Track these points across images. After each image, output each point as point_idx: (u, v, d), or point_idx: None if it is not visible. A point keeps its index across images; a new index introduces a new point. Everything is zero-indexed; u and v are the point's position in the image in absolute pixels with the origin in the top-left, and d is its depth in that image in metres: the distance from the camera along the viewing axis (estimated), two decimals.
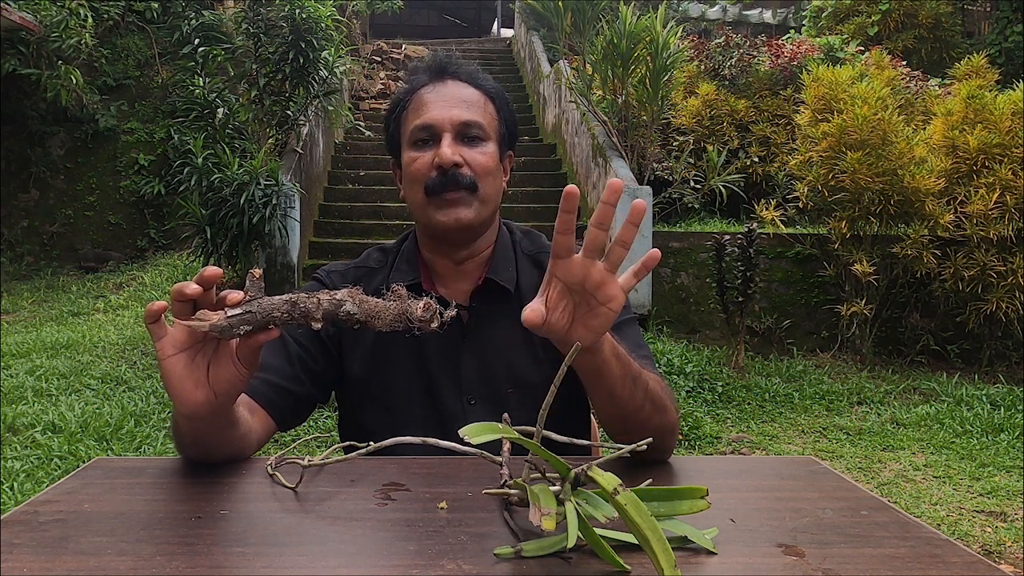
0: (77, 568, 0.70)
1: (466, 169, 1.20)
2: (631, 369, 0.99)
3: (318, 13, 5.86)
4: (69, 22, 7.69)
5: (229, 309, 0.81)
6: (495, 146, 1.25)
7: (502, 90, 1.32)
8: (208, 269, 0.82)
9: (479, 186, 1.21)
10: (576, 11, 7.05)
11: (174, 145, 5.78)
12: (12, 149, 8.57)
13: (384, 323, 0.82)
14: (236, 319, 0.81)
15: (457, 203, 1.19)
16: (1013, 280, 5.22)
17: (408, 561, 0.72)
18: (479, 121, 1.23)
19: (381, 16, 12.81)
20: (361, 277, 1.30)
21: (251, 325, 0.81)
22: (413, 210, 1.25)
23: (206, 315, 0.81)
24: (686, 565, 0.72)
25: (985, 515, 3.25)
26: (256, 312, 0.81)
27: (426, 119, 1.21)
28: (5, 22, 7.39)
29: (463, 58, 1.37)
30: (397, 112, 1.28)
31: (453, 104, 1.22)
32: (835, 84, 5.80)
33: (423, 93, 1.25)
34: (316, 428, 3.94)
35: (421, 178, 1.20)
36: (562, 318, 0.88)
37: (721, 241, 5.11)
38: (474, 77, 1.27)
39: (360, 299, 0.82)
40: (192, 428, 0.94)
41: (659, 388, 1.06)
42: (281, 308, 0.81)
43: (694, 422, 4.27)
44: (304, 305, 0.81)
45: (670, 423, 1.06)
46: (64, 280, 7.79)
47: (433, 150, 1.20)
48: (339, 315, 0.82)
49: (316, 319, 0.81)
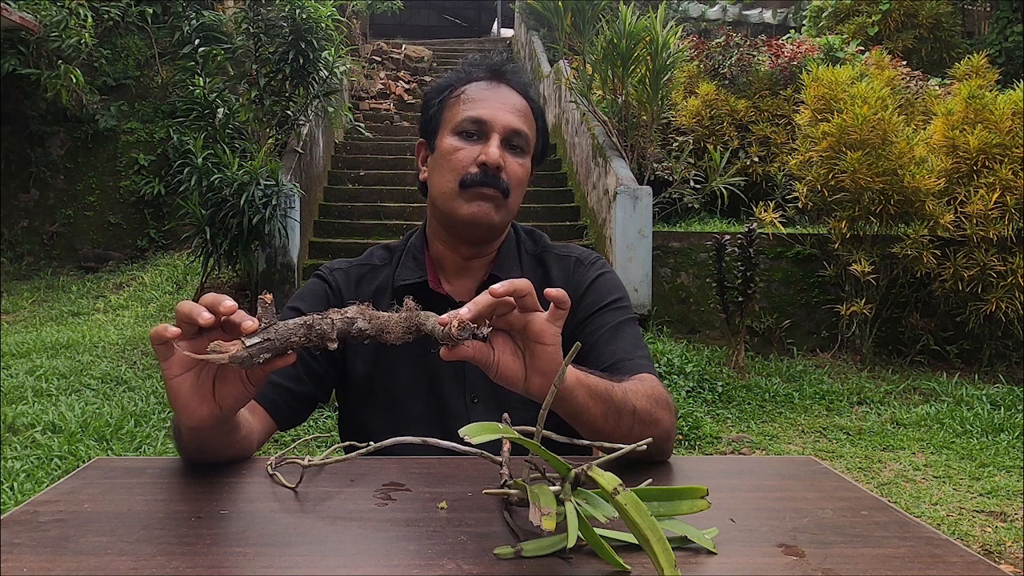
0: (77, 568, 0.70)
1: (504, 174, 1.20)
2: (612, 402, 0.98)
3: (318, 13, 5.87)
4: (69, 22, 7.69)
5: (247, 338, 0.79)
6: (530, 161, 1.27)
7: (543, 110, 1.32)
8: (225, 302, 0.79)
9: (510, 195, 1.21)
10: (576, 11, 7.05)
11: (174, 145, 5.78)
12: (12, 149, 8.57)
13: (396, 336, 0.82)
14: (256, 348, 0.79)
15: (489, 199, 1.19)
16: (1013, 280, 5.22)
17: (408, 561, 0.72)
18: (527, 133, 1.23)
19: (381, 16, 12.82)
20: (364, 274, 1.30)
21: (270, 352, 0.80)
22: (436, 196, 1.24)
23: (222, 347, 0.79)
24: (686, 565, 0.72)
25: (985, 515, 3.25)
26: (274, 339, 0.80)
27: (481, 113, 1.21)
28: (5, 22, 7.39)
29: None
30: (445, 96, 1.26)
31: (508, 109, 1.23)
32: (835, 84, 5.80)
33: (478, 88, 1.25)
34: (316, 428, 3.94)
35: (460, 169, 1.20)
36: (514, 364, 0.86)
37: (721, 241, 5.12)
38: (526, 89, 1.28)
39: (370, 315, 0.82)
40: (195, 438, 0.94)
41: (649, 402, 1.04)
42: (298, 332, 0.81)
43: (694, 422, 4.27)
44: (319, 327, 0.81)
45: (662, 432, 1.03)
46: (64, 280, 7.79)
47: (479, 145, 1.20)
48: (352, 333, 0.82)
49: (332, 339, 0.81)
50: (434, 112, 1.27)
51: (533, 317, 0.84)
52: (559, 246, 1.35)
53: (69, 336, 5.54)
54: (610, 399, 0.98)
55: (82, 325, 6.04)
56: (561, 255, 1.31)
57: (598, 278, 1.28)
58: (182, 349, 0.80)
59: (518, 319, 0.84)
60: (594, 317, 1.24)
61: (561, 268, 1.29)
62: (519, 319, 0.84)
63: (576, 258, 1.31)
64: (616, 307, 1.25)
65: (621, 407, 0.99)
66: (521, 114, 1.24)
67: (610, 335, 1.21)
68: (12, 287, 7.60)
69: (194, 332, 0.80)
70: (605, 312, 1.24)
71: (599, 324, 1.23)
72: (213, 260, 5.43)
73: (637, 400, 1.02)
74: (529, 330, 0.84)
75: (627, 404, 1.00)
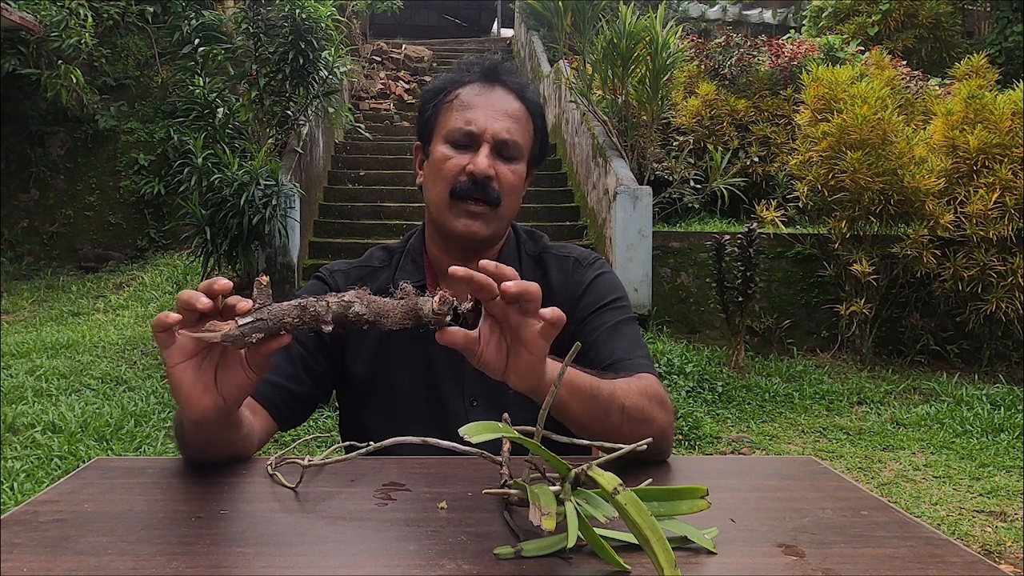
0: (77, 568, 0.70)
1: (495, 183, 1.20)
2: (597, 399, 0.98)
3: (318, 13, 5.87)
4: (69, 22, 7.69)
5: (240, 318, 0.80)
6: (525, 165, 1.26)
7: (542, 107, 1.32)
8: (219, 281, 0.81)
9: (502, 202, 1.21)
10: (576, 11, 7.05)
11: (174, 145, 5.79)
12: (12, 149, 8.57)
13: (393, 321, 0.82)
14: (248, 328, 0.79)
15: (477, 216, 1.20)
16: (1013, 280, 5.22)
17: (408, 561, 0.72)
18: (519, 141, 1.23)
19: (381, 16, 12.82)
20: (364, 276, 1.30)
21: (263, 333, 0.80)
22: (430, 204, 1.25)
23: (216, 325, 0.80)
24: (686, 565, 0.72)
25: (985, 515, 3.25)
26: (267, 319, 0.80)
27: (471, 124, 1.21)
28: (5, 22, 7.39)
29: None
30: (439, 100, 1.26)
31: (499, 116, 1.22)
32: (835, 84, 5.80)
33: (471, 92, 1.24)
34: (316, 428, 3.94)
35: (450, 178, 1.20)
36: (496, 357, 0.86)
37: (721, 241, 5.12)
38: (522, 89, 1.27)
39: (368, 299, 0.82)
40: (198, 432, 0.94)
41: (641, 400, 1.04)
42: (292, 314, 0.81)
43: (694, 422, 4.27)
44: (314, 309, 0.80)
45: (657, 430, 1.01)
46: (64, 280, 7.79)
47: (469, 155, 1.20)
48: (349, 316, 0.81)
49: (327, 322, 0.81)
50: (429, 116, 1.28)
51: (528, 323, 0.84)
52: (558, 246, 1.35)
53: (69, 336, 5.54)
54: (594, 396, 0.98)
55: (82, 325, 6.04)
56: (560, 255, 1.31)
57: (597, 278, 1.28)
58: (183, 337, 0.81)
59: (515, 319, 0.84)
60: (593, 317, 1.24)
61: (560, 268, 1.29)
62: (516, 319, 0.84)
63: (575, 258, 1.31)
64: (615, 307, 1.25)
65: (607, 404, 0.99)
66: (513, 119, 1.23)
67: (608, 335, 1.21)
68: (12, 287, 7.60)
69: (195, 319, 0.81)
70: (604, 312, 1.24)
71: (598, 324, 1.23)
72: (213, 260, 5.43)
73: (627, 398, 1.02)
74: (520, 334, 0.84)
75: (614, 401, 1.00)
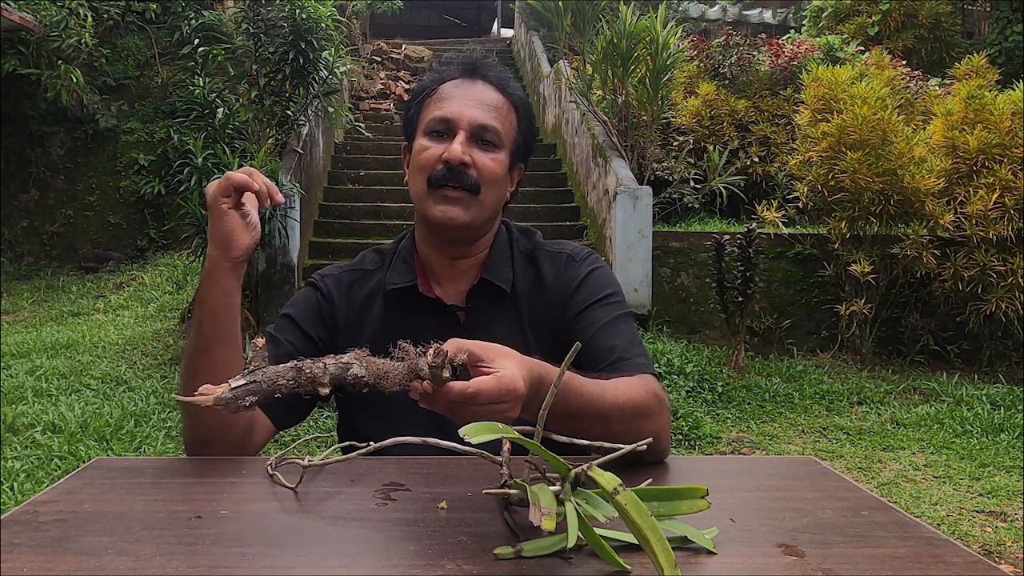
0: (77, 568, 0.70)
1: (473, 171, 1.19)
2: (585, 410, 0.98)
3: (318, 13, 5.86)
4: (69, 22, 7.68)
5: (233, 380, 0.80)
6: (507, 155, 1.25)
7: (528, 102, 1.31)
8: (256, 175, 1.09)
9: (481, 190, 1.20)
10: (576, 11, 7.05)
11: (174, 145, 5.78)
12: (12, 149, 8.57)
13: (394, 383, 0.82)
14: (241, 390, 0.80)
15: (455, 202, 1.19)
16: (1013, 280, 5.22)
17: (408, 561, 0.72)
18: (496, 127, 1.22)
19: (381, 16, 12.82)
20: (356, 280, 1.30)
21: (256, 396, 0.80)
22: (413, 198, 1.25)
23: (209, 389, 0.80)
24: (686, 565, 0.72)
25: (985, 515, 3.25)
26: (261, 381, 0.80)
27: (446, 112, 1.21)
28: (5, 22, 7.39)
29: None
30: (420, 98, 1.27)
31: (476, 105, 1.22)
32: (835, 84, 5.80)
33: (449, 86, 1.25)
34: (316, 428, 3.94)
35: (427, 168, 1.20)
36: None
37: (721, 241, 5.11)
38: (503, 83, 1.27)
39: (367, 361, 0.81)
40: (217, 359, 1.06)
41: (636, 398, 1.04)
42: (287, 375, 0.80)
43: (694, 422, 4.27)
44: (310, 371, 0.80)
45: (652, 430, 1.00)
46: (64, 280, 7.79)
47: (445, 144, 1.20)
48: (347, 379, 0.81)
49: (323, 384, 0.80)
50: (412, 114, 1.28)
51: (462, 409, 0.86)
52: (551, 243, 1.34)
53: (69, 336, 5.54)
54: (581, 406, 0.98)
55: (82, 325, 6.04)
56: (553, 252, 1.31)
57: (590, 273, 1.27)
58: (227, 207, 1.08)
59: (448, 411, 0.87)
60: (587, 312, 1.23)
61: (552, 265, 1.29)
62: (449, 412, 0.87)
63: (568, 254, 1.30)
64: (609, 302, 1.24)
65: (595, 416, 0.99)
66: (492, 108, 1.23)
67: (605, 331, 1.20)
68: (12, 287, 7.59)
69: (238, 199, 1.08)
70: (598, 307, 1.23)
71: (593, 319, 1.22)
72: None
73: (616, 398, 1.02)
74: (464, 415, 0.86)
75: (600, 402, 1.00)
